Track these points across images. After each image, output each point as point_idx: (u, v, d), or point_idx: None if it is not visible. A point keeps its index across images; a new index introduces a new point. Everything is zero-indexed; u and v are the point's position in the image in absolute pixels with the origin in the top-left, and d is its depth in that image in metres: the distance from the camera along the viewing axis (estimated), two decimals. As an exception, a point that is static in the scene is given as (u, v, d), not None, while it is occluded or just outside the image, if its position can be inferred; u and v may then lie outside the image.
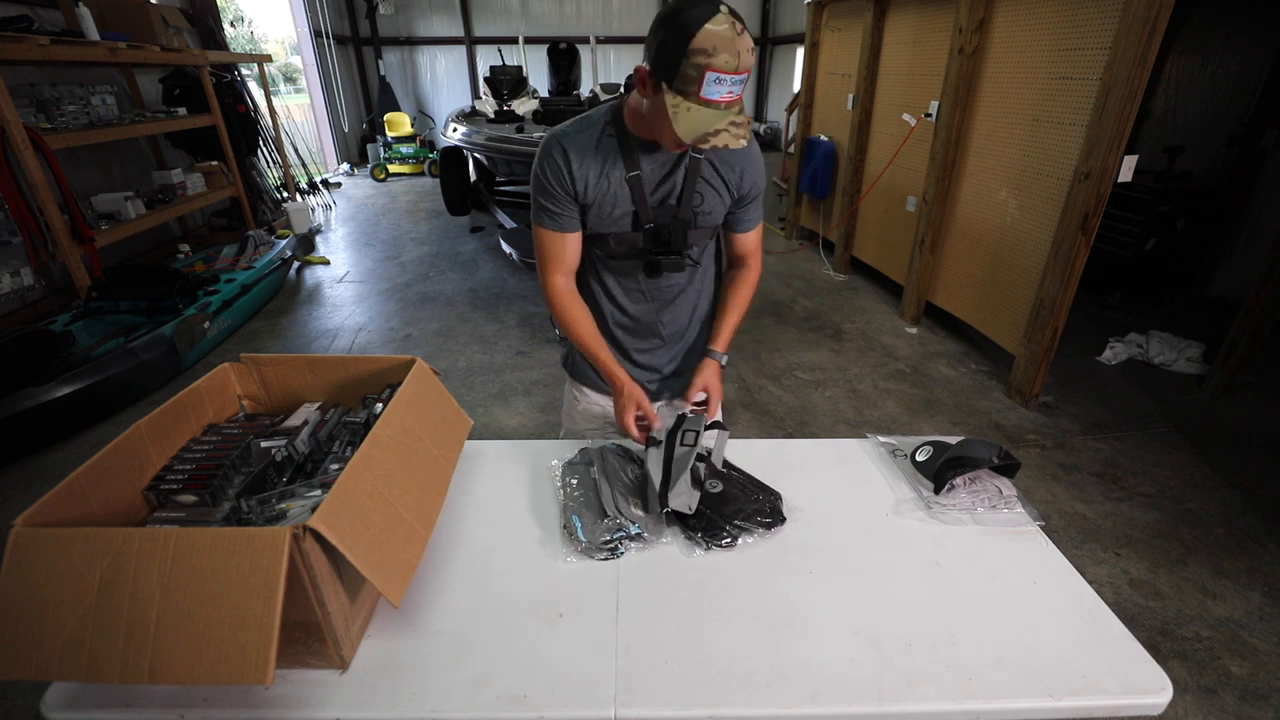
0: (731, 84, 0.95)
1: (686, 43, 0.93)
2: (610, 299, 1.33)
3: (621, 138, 1.15)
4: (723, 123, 0.97)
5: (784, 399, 3.17)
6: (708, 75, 0.93)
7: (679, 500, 1.10)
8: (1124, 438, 2.83)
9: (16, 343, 2.74)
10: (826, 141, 5.01)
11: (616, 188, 1.16)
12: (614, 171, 1.16)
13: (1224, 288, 4.31)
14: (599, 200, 1.17)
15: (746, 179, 1.24)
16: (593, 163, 1.15)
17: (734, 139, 0.99)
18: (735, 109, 0.98)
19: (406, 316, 4.25)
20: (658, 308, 1.34)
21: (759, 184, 1.27)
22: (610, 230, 1.21)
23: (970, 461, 1.21)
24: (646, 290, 1.31)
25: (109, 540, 0.73)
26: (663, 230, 1.20)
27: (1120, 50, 2.44)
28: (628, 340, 1.38)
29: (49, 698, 0.82)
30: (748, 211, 1.30)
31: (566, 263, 1.26)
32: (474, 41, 10.82)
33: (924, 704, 0.84)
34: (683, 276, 1.30)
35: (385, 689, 0.84)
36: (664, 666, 0.88)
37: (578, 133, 1.16)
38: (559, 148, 1.16)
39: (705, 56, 0.92)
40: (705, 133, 0.97)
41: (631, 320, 1.35)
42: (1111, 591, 2.01)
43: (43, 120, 3.76)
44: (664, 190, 1.19)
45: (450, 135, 5.71)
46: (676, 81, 0.96)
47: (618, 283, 1.31)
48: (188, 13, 5.66)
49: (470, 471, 1.29)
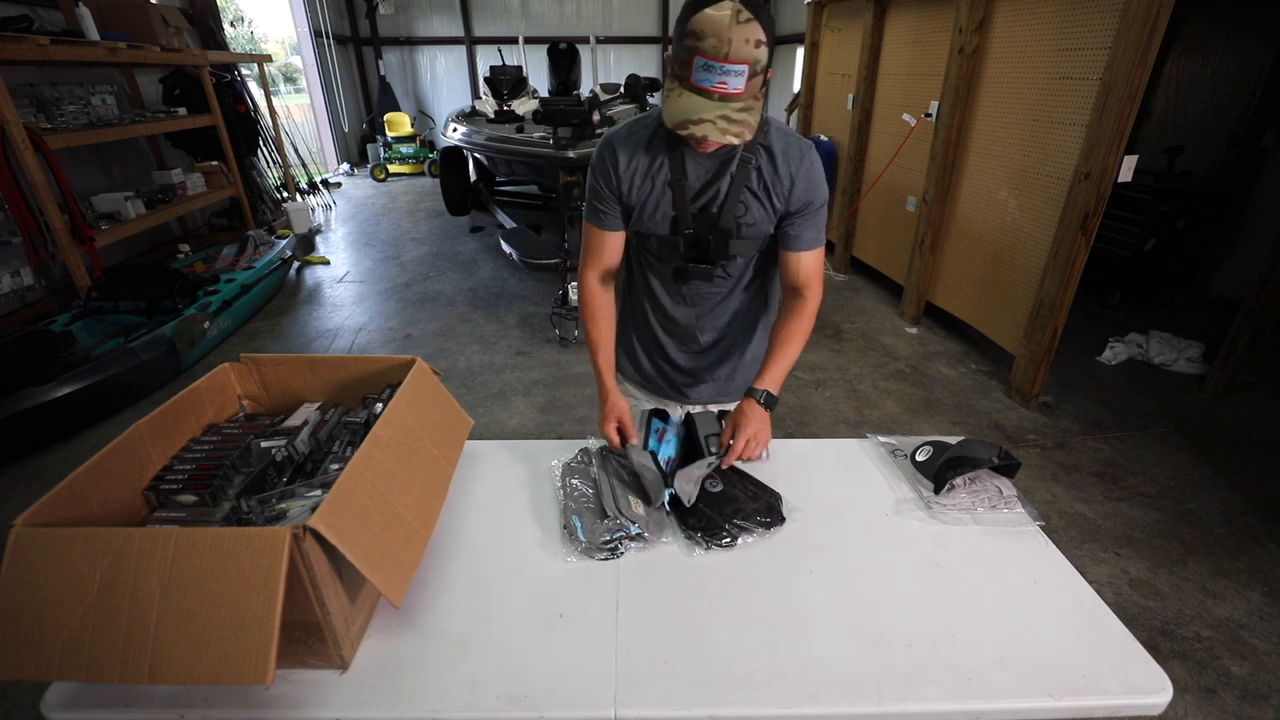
0: (722, 73, 0.92)
1: (685, 24, 0.93)
2: (652, 297, 1.34)
3: (671, 140, 1.12)
4: (710, 114, 0.94)
5: (784, 399, 3.17)
6: (696, 60, 0.92)
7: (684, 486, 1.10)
8: (1124, 438, 2.83)
9: (16, 343, 2.74)
10: (826, 141, 5.01)
11: (659, 191, 1.16)
12: (659, 174, 1.15)
13: (1224, 288, 4.31)
14: (642, 201, 1.17)
15: (798, 192, 1.14)
16: (640, 163, 1.15)
17: (719, 132, 0.95)
18: (736, 104, 0.95)
19: (406, 316, 4.25)
20: (696, 314, 1.33)
21: (816, 199, 1.16)
22: (652, 232, 1.21)
23: (970, 461, 1.21)
24: (686, 294, 1.30)
25: (109, 540, 0.73)
26: (702, 237, 1.17)
27: (1120, 50, 2.44)
28: (669, 342, 1.38)
29: (49, 698, 0.82)
30: (800, 227, 1.18)
31: (604, 260, 1.26)
32: (474, 41, 10.81)
33: (924, 704, 0.84)
34: (722, 285, 1.28)
35: (385, 689, 0.84)
36: (664, 666, 0.88)
37: (630, 133, 1.16)
38: (610, 147, 1.17)
39: (695, 39, 0.92)
40: (686, 119, 0.95)
41: (670, 322, 1.36)
42: (1111, 591, 2.01)
43: (43, 120, 3.76)
44: (707, 196, 1.16)
45: (450, 135, 5.70)
46: (676, 65, 0.96)
47: (660, 284, 1.32)
48: (188, 13, 5.65)
49: (470, 471, 1.29)
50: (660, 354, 1.41)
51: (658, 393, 1.48)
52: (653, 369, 1.45)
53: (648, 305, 1.36)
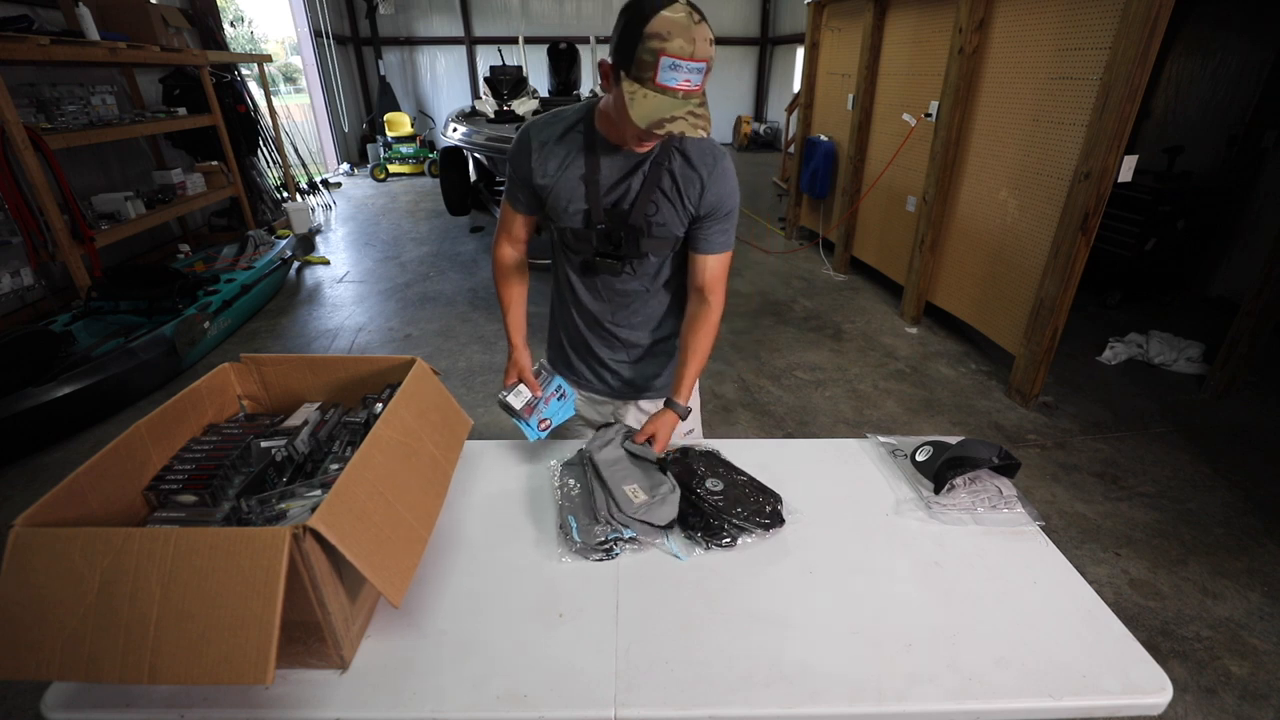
0: (688, 72, 0.95)
1: (642, 27, 0.94)
2: (571, 290, 1.36)
3: (588, 136, 1.17)
4: (680, 110, 0.97)
5: (784, 399, 3.17)
6: (663, 60, 0.94)
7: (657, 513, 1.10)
8: (1124, 438, 2.83)
9: (16, 343, 2.74)
10: (826, 141, 5.01)
11: (573, 183, 1.19)
12: (573, 167, 1.18)
13: (1224, 288, 4.31)
14: (555, 192, 1.20)
15: (709, 197, 1.18)
16: (554, 154, 1.18)
17: (691, 127, 0.97)
18: (695, 100, 0.98)
19: (406, 316, 4.25)
20: (611, 310, 1.35)
21: (725, 204, 1.20)
22: (565, 224, 1.24)
23: (970, 461, 1.21)
24: (600, 288, 1.33)
25: (109, 540, 0.73)
26: (614, 233, 1.21)
27: (1120, 50, 2.44)
28: (591, 338, 1.40)
29: (49, 698, 0.82)
30: (708, 231, 1.22)
31: (513, 235, 1.35)
32: (474, 41, 10.82)
33: (924, 704, 0.84)
34: (636, 282, 1.30)
35: (385, 689, 0.84)
36: (664, 666, 0.88)
37: (548, 124, 1.20)
38: (527, 135, 1.21)
39: (660, 41, 0.93)
40: (661, 118, 0.97)
41: (586, 315, 1.38)
42: (1111, 591, 2.01)
43: (43, 120, 3.76)
44: (618, 193, 1.19)
45: (450, 135, 5.70)
46: (634, 68, 0.97)
47: (576, 277, 1.34)
48: (188, 13, 5.65)
49: (470, 471, 1.29)
50: (589, 353, 1.42)
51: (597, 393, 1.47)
52: (585, 368, 1.45)
53: (569, 297, 1.38)
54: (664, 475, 1.19)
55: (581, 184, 1.18)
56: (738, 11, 11.64)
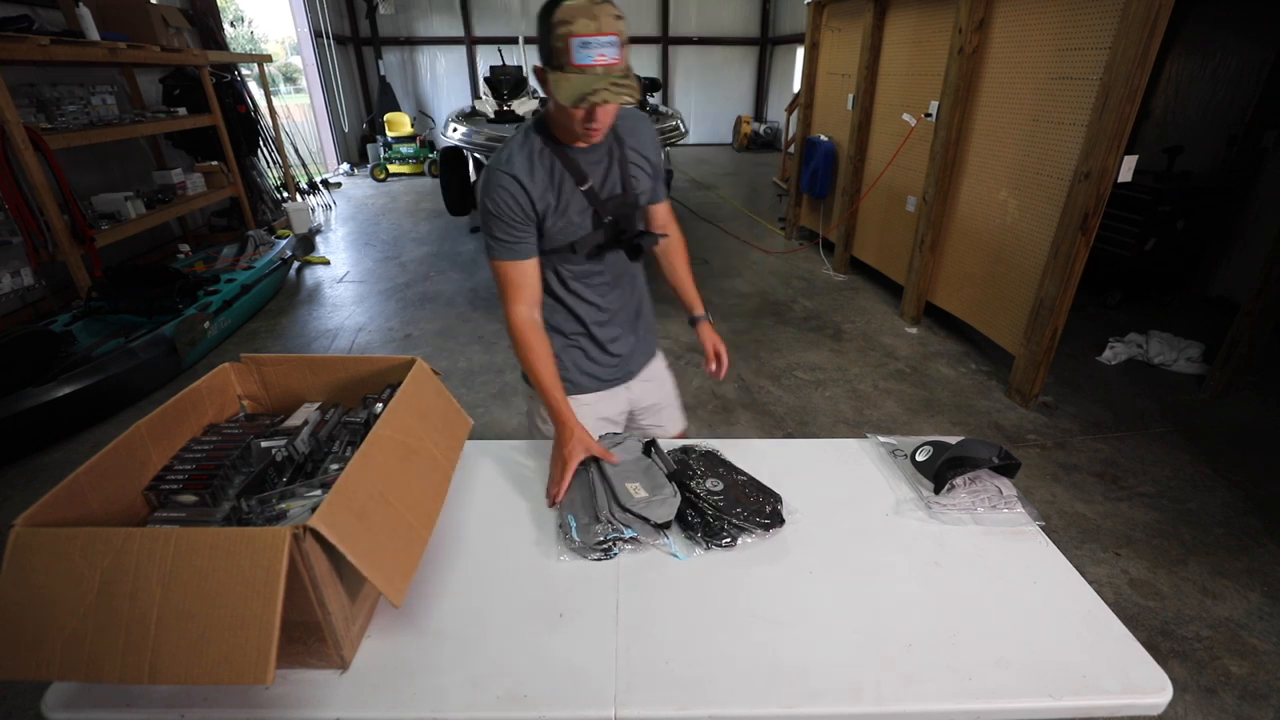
0: (600, 47, 1.01)
1: (549, 20, 1.03)
2: (585, 303, 1.36)
3: (554, 149, 1.20)
4: (601, 84, 1.03)
5: (784, 399, 3.17)
6: (573, 42, 1.01)
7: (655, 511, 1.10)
8: (1124, 438, 2.83)
9: (16, 343, 2.74)
10: (826, 141, 5.01)
11: (570, 194, 1.22)
12: (562, 181, 1.21)
13: (1224, 288, 4.31)
14: (559, 211, 1.22)
15: (650, 153, 1.33)
16: (540, 178, 1.20)
17: (615, 95, 1.03)
18: (617, 72, 1.04)
19: (406, 316, 4.25)
20: (629, 291, 1.41)
21: (658, 155, 1.37)
22: (573, 237, 1.25)
23: (970, 461, 1.21)
24: (615, 280, 1.36)
25: (109, 540, 0.73)
26: (622, 219, 1.28)
27: (1120, 50, 2.44)
28: (604, 334, 1.40)
29: (49, 698, 0.82)
30: (656, 185, 1.38)
31: (530, 290, 1.25)
32: (474, 41, 10.82)
33: (924, 704, 0.84)
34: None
35: (385, 689, 0.84)
36: (664, 666, 0.88)
37: (507, 160, 1.19)
38: (507, 176, 1.18)
39: (566, 26, 1.01)
40: (585, 93, 1.03)
41: (607, 313, 1.39)
42: (1111, 591, 2.01)
43: (43, 120, 3.76)
44: (609, 185, 1.26)
45: (450, 135, 5.69)
46: (553, 58, 1.05)
47: (586, 284, 1.34)
48: (188, 13, 5.65)
49: (470, 471, 1.29)
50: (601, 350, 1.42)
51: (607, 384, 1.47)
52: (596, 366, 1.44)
53: (583, 310, 1.36)
54: (668, 481, 1.19)
55: (578, 191, 1.22)
56: (738, 11, 11.64)
